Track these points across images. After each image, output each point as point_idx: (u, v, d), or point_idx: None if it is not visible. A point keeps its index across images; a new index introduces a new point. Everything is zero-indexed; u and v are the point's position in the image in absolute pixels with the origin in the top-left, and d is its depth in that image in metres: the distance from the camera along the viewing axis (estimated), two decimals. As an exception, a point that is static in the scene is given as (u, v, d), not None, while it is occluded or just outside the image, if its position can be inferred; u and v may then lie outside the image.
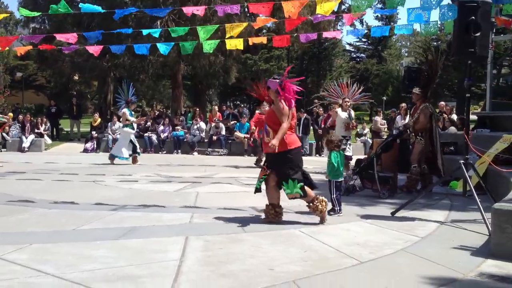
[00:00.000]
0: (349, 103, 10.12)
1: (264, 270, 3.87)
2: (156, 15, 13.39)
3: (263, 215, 5.79)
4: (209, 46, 10.57)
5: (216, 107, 20.46)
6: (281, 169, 5.50)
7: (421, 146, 8.05)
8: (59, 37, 11.19)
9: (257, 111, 12.32)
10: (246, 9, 12.30)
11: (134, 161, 12.79)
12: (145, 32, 10.95)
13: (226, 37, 10.47)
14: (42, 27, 24.41)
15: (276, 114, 5.50)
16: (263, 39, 12.54)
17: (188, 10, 10.16)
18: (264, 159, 12.69)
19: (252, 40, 12.08)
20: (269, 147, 5.37)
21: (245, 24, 11.04)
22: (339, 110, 10.10)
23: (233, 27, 10.74)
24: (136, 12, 10.83)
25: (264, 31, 25.18)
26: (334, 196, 6.13)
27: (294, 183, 5.41)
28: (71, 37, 10.47)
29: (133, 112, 13.11)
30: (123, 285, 3.53)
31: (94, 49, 11.42)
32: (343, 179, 6.43)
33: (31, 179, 9.50)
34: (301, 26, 17.49)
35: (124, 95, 12.90)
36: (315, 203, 5.52)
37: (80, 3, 9.40)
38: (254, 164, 12.54)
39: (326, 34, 11.07)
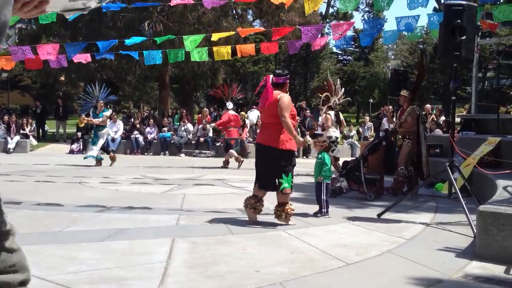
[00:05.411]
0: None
1: (251, 272, 3.87)
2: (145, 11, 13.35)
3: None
4: (197, 55, 10.53)
5: (207, 109, 20.41)
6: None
7: (408, 148, 8.10)
8: (42, 49, 11.10)
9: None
10: (233, 11, 12.29)
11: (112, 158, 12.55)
12: (130, 41, 10.90)
13: (214, 42, 10.48)
14: (29, 27, 24.19)
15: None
16: (251, 48, 12.53)
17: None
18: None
19: (241, 49, 12.07)
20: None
21: (232, 33, 11.06)
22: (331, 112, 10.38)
23: (220, 36, 10.76)
24: (125, 7, 10.74)
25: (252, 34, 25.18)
26: (325, 198, 6.14)
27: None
28: (55, 47, 10.39)
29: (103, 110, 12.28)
30: (108, 287, 3.50)
31: (81, 57, 11.36)
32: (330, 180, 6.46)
33: (16, 181, 9.38)
34: (290, 35, 17.55)
35: (94, 96, 12.55)
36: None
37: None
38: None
39: (315, 47, 11.06)
